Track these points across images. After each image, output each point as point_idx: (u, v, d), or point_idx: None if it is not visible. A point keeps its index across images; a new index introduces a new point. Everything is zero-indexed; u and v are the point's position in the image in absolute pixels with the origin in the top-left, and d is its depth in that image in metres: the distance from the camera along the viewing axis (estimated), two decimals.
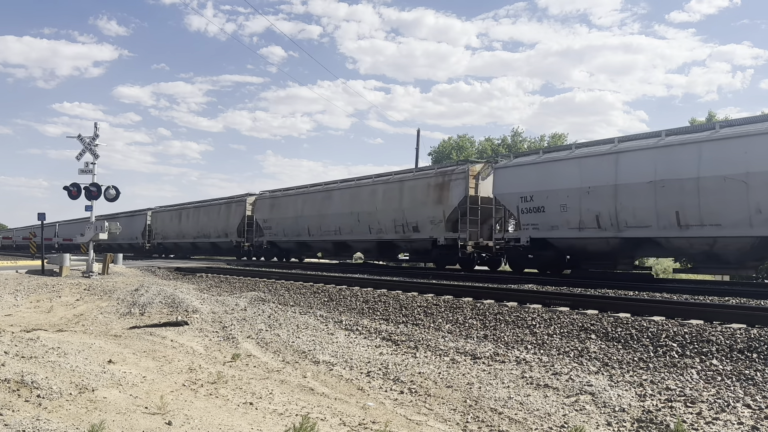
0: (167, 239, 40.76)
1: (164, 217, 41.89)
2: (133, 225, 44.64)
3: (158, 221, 42.27)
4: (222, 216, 34.13)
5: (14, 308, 11.15)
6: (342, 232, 24.98)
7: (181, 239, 38.96)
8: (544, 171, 16.72)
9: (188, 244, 38.43)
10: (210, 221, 35.23)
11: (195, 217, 37.25)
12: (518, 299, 9.97)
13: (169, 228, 40.63)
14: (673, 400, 4.77)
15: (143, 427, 4.14)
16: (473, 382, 5.52)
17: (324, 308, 10.57)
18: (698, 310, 8.02)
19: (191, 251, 39.15)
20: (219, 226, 34.16)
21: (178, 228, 39.15)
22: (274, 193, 31.11)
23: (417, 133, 46.39)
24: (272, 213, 29.77)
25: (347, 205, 24.59)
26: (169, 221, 40.83)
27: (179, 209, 40.28)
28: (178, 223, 39.33)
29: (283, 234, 29.06)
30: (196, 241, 37.23)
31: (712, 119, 41.53)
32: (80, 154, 17.78)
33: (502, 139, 57.65)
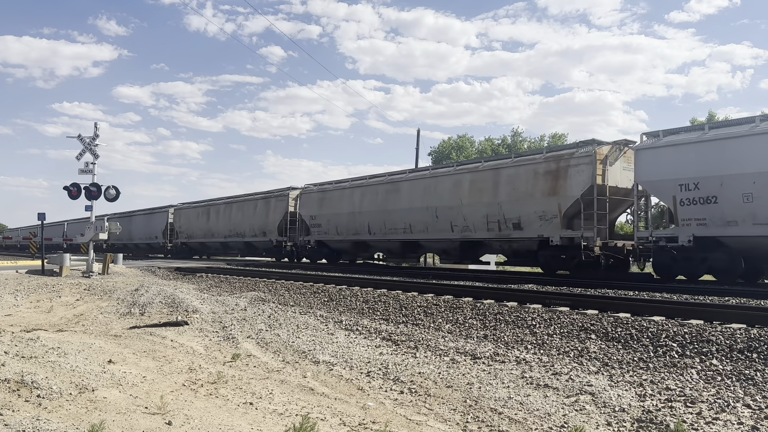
0: (193, 238, 37.10)
1: (189, 214, 37.92)
2: (152, 223, 41.84)
3: (182, 219, 38.39)
4: (259, 212, 30.31)
5: (14, 308, 11.15)
6: (413, 230, 21.36)
7: (209, 238, 35.29)
8: (716, 151, 13.21)
9: (217, 243, 34.93)
10: (244, 219, 31.55)
11: (226, 215, 33.54)
12: (518, 299, 9.97)
13: (194, 226, 36.79)
14: (673, 400, 4.77)
15: (143, 427, 4.14)
16: (473, 382, 5.51)
17: (324, 308, 10.57)
18: (698, 310, 8.02)
19: (221, 252, 35.93)
20: (255, 223, 30.48)
21: (206, 226, 35.46)
22: (323, 186, 26.82)
23: (417, 133, 46.44)
24: (322, 209, 25.86)
25: (421, 199, 21.04)
26: (195, 219, 36.83)
27: (207, 206, 36.33)
28: (205, 221, 35.41)
29: (336, 232, 25.27)
30: (227, 240, 33.64)
31: (712, 119, 41.53)
32: (80, 154, 17.78)
33: (502, 139, 57.72)
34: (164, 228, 40.05)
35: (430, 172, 21.79)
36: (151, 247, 42.57)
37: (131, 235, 43.52)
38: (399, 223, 21.95)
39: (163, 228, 40.13)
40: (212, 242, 35.30)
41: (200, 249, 37.35)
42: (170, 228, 39.64)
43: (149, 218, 42.45)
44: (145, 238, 42.69)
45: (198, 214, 36.68)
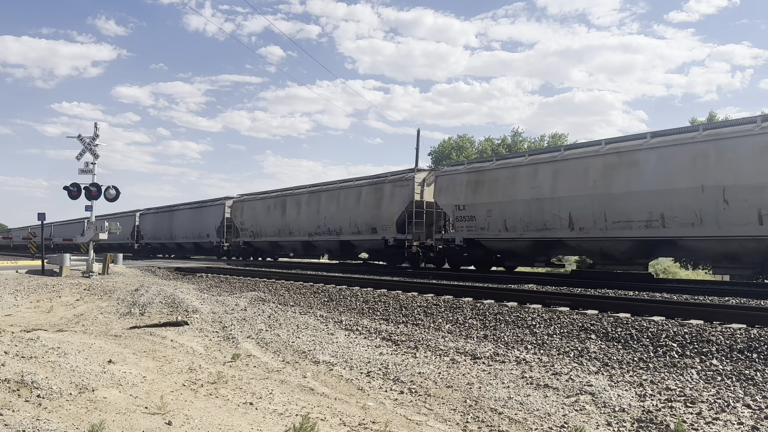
0: (260, 237, 30.02)
1: (255, 208, 30.78)
2: (200, 219, 35.52)
3: (244, 214, 31.42)
4: (369, 201, 23.05)
5: (14, 308, 11.15)
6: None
7: (287, 237, 28.18)
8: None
9: (298, 243, 27.88)
10: (344, 210, 24.21)
11: (312, 206, 26.14)
12: (518, 299, 9.97)
13: (264, 222, 29.70)
14: (673, 400, 4.77)
15: (143, 427, 4.13)
16: (473, 382, 5.51)
17: (324, 308, 10.57)
18: (698, 310, 8.03)
19: (300, 252, 28.98)
20: (362, 216, 23.11)
21: (281, 222, 28.30)
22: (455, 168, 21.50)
23: (417, 133, 46.37)
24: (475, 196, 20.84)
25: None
26: (264, 213, 29.72)
27: (281, 196, 29.08)
28: (280, 215, 28.35)
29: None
30: (314, 239, 26.23)
31: (713, 119, 41.54)
32: (80, 154, 17.79)
33: (502, 139, 57.73)
34: (219, 224, 33.47)
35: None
36: (200, 248, 36.36)
37: (173, 233, 38.94)
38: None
39: (218, 224, 33.59)
40: (289, 241, 28.33)
41: (271, 250, 30.78)
42: (226, 225, 33.25)
43: (197, 214, 36.10)
44: (191, 237, 36.40)
45: (269, 208, 29.42)
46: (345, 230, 24.31)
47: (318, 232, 25.92)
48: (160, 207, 43.99)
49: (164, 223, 40.88)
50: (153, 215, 43.38)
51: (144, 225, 43.99)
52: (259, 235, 30.26)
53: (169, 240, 40.15)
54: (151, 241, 42.76)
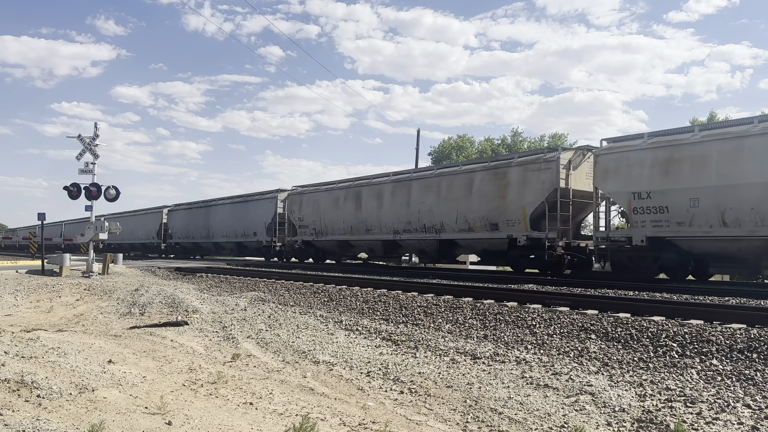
0: (325, 236, 25.06)
1: (318, 201, 25.58)
2: (246, 215, 30.94)
3: (304, 208, 26.35)
4: (487, 190, 18.30)
5: (14, 308, 11.15)
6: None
7: (362, 235, 23.05)
8: None
9: (377, 242, 22.74)
10: (448, 202, 19.45)
11: (400, 197, 21.45)
12: (518, 299, 9.97)
13: (330, 217, 24.67)
14: (673, 400, 4.77)
15: (143, 427, 4.14)
16: (473, 382, 5.52)
17: (324, 308, 10.57)
18: (698, 310, 8.03)
19: (379, 253, 23.62)
20: (476, 208, 18.47)
21: (355, 217, 23.31)
22: None
23: (417, 133, 46.44)
24: None
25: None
26: (331, 207, 24.74)
27: (355, 186, 23.83)
28: (353, 209, 23.46)
29: None
30: (401, 237, 21.25)
31: (713, 119, 41.56)
32: (80, 154, 17.79)
33: (502, 139, 57.75)
34: (270, 221, 28.74)
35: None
36: (245, 248, 31.72)
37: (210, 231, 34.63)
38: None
39: (269, 221, 28.87)
40: (364, 240, 23.31)
41: (338, 250, 25.76)
42: (279, 221, 28.29)
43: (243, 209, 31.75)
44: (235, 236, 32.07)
45: (338, 200, 24.45)
46: (448, 227, 19.43)
47: (408, 229, 20.91)
48: (193, 202, 38.61)
49: (198, 221, 36.02)
50: (185, 211, 38.56)
51: (173, 222, 39.43)
52: (323, 233, 25.03)
53: (205, 239, 35.20)
54: (182, 240, 38.13)
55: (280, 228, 28.32)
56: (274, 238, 28.50)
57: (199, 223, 35.87)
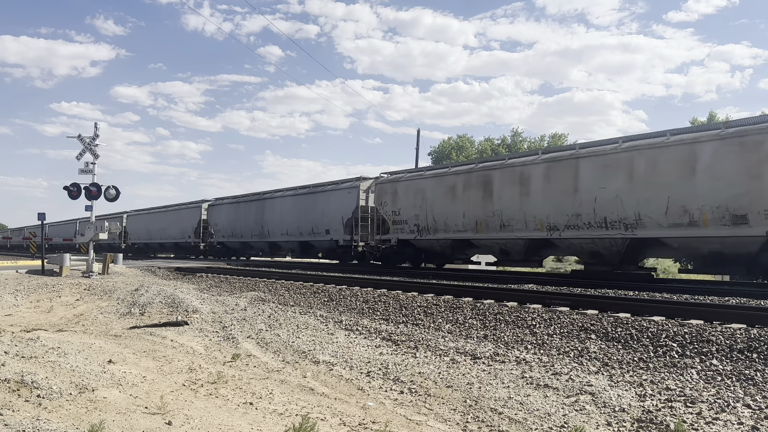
0: (432, 233, 19.77)
1: (426, 189, 20.12)
2: (317, 209, 25.70)
3: (400, 199, 21.03)
4: (676, 169, 13.69)
5: (14, 308, 11.15)
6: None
7: (496, 233, 17.59)
8: None
9: (518, 243, 17.15)
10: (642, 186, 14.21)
11: (546, 183, 16.29)
12: (518, 299, 9.97)
13: (444, 209, 19.34)
14: (673, 400, 4.77)
15: (143, 427, 4.14)
16: (473, 382, 5.52)
17: (324, 308, 10.57)
18: (698, 310, 8.02)
19: (518, 256, 17.64)
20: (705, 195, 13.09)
21: (488, 209, 17.85)
22: None
23: (417, 133, 46.37)
24: None
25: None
26: (445, 198, 19.39)
27: (487, 168, 18.40)
28: (478, 199, 18.17)
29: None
30: (562, 236, 15.86)
31: (713, 119, 41.56)
32: (80, 154, 17.79)
33: (502, 139, 57.78)
34: (351, 215, 23.57)
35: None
36: (310, 247, 27.33)
37: (264, 228, 29.87)
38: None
39: (348, 216, 23.70)
40: (496, 240, 17.86)
41: (447, 251, 20.32)
42: (361, 215, 23.17)
43: (311, 201, 26.56)
44: (299, 234, 27.12)
45: (447, 188, 19.50)
46: (649, 220, 14.03)
47: (574, 224, 15.58)
48: (241, 195, 33.76)
49: (248, 216, 31.28)
50: (229, 206, 33.71)
51: (215, 219, 34.57)
52: (430, 230, 19.96)
53: (257, 238, 30.35)
54: (226, 239, 33.36)
55: (363, 224, 22.95)
56: (355, 237, 23.13)
57: (250, 219, 30.94)
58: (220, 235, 33.94)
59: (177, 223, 37.97)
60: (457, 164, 21.39)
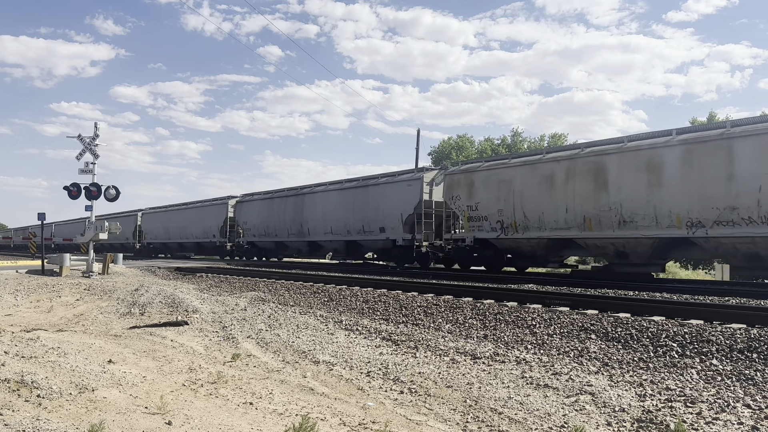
0: (522, 231, 16.97)
1: (514, 179, 17.34)
2: (369, 205, 22.81)
3: (476, 192, 18.39)
4: None
5: (14, 308, 11.15)
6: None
7: (611, 231, 14.76)
8: None
9: (643, 242, 14.27)
10: None
11: (686, 170, 13.54)
12: (518, 299, 9.97)
13: (536, 202, 16.61)
14: (673, 400, 4.77)
15: (143, 427, 4.13)
16: (473, 382, 5.51)
17: (324, 308, 10.57)
18: (698, 310, 8.03)
19: (639, 259, 14.69)
20: None
21: (601, 201, 15.02)
22: None
23: (417, 133, 46.39)
24: None
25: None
26: (538, 189, 16.63)
27: (595, 154, 15.49)
28: (588, 190, 15.34)
29: None
30: (709, 235, 13.05)
31: (713, 119, 41.59)
32: (80, 154, 17.79)
33: (502, 139, 57.76)
34: (411, 212, 20.77)
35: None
36: (360, 247, 24.51)
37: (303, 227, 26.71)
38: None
39: (409, 212, 20.85)
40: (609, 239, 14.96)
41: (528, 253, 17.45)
42: (425, 211, 20.38)
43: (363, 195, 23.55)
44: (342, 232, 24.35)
45: (553, 175, 16.30)
46: None
47: (727, 219, 12.88)
48: (275, 191, 30.47)
49: (283, 213, 28.21)
50: (261, 203, 30.47)
51: (244, 217, 31.47)
52: (518, 228, 17.09)
53: (295, 237, 27.34)
54: (257, 239, 30.31)
55: (426, 222, 20.36)
56: (417, 235, 20.23)
57: (286, 216, 27.89)
58: (250, 234, 30.80)
59: (200, 222, 35.10)
60: (554, 149, 18.00)
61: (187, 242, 36.91)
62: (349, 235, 24.02)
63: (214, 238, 33.56)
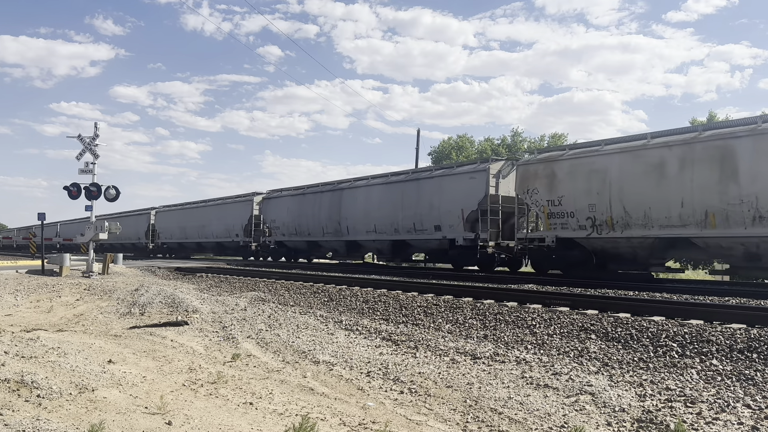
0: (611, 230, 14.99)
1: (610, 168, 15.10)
2: (422, 199, 20.89)
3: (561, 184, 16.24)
4: None
5: (14, 308, 11.15)
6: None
7: (745, 229, 12.50)
8: None
9: None
10: None
11: None
12: (518, 299, 9.97)
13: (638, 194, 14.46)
14: (673, 400, 4.77)
15: (143, 427, 4.14)
16: (473, 382, 5.51)
17: (324, 308, 10.57)
18: (698, 310, 8.03)
19: None
20: None
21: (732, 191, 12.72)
22: None
23: (417, 133, 46.42)
24: None
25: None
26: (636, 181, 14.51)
27: (723, 137, 13.19)
28: (713, 180, 13.06)
29: None
30: None
31: (713, 119, 41.56)
32: (80, 154, 17.80)
33: (502, 139, 57.76)
34: (475, 207, 18.77)
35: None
36: (408, 247, 22.55)
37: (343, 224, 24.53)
38: None
39: (472, 208, 18.84)
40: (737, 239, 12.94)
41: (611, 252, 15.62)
42: (491, 207, 18.29)
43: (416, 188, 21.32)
44: (393, 232, 21.90)
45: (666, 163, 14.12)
46: None
47: None
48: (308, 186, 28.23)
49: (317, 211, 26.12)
50: (291, 199, 28.29)
51: (271, 214, 29.37)
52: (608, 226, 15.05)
53: (331, 236, 25.37)
54: (287, 238, 28.20)
55: (493, 219, 18.18)
56: (482, 234, 18.22)
57: (321, 214, 25.77)
58: (279, 233, 28.59)
59: (221, 220, 33.08)
60: (662, 134, 14.69)
61: (207, 242, 35.06)
62: (396, 234, 21.72)
63: (237, 237, 31.53)
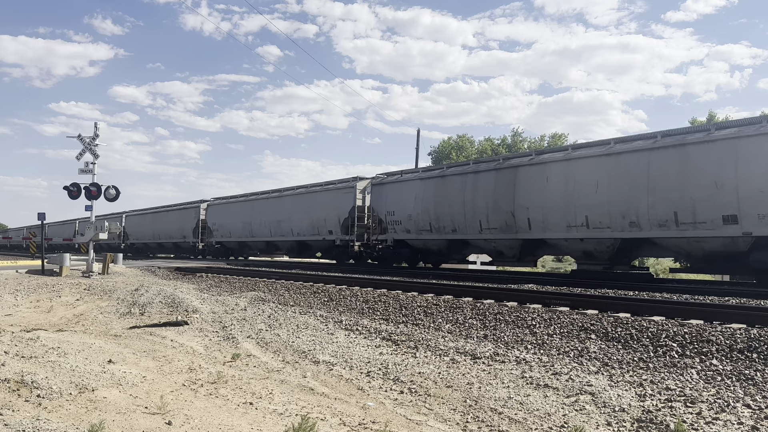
0: None
1: None
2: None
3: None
4: None
5: (14, 308, 11.15)
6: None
7: None
8: None
9: None
10: None
11: None
12: (518, 299, 9.96)
13: None
14: (673, 400, 4.77)
15: (143, 427, 4.13)
16: (473, 382, 5.51)
17: (324, 308, 10.56)
18: (698, 310, 8.02)
19: None
20: None
21: None
22: None
23: (417, 132, 46.29)
24: None
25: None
26: None
27: None
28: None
29: None
30: None
31: (712, 119, 41.56)
32: (80, 154, 17.80)
33: (502, 139, 57.76)
34: (346, 216, 22.36)
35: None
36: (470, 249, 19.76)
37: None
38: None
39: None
40: None
41: None
42: None
43: None
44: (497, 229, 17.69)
45: None
46: None
47: None
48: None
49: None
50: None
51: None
52: None
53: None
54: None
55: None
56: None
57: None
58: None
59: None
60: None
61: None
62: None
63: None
